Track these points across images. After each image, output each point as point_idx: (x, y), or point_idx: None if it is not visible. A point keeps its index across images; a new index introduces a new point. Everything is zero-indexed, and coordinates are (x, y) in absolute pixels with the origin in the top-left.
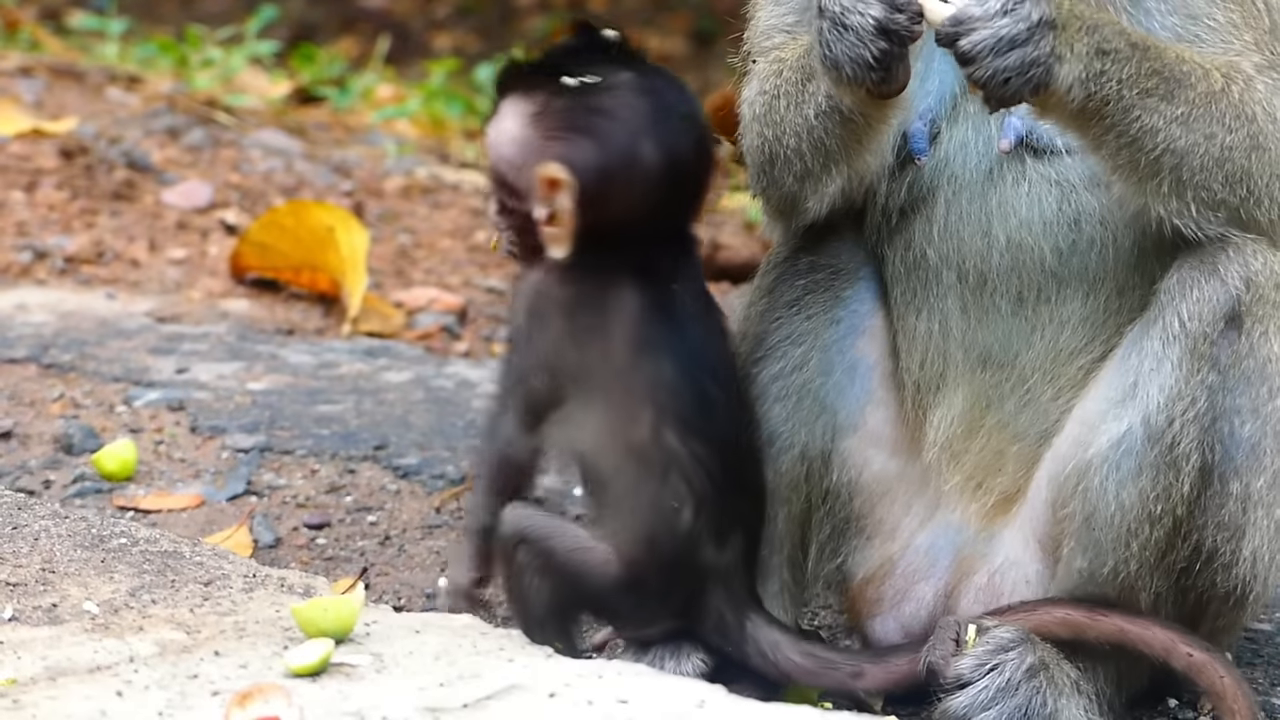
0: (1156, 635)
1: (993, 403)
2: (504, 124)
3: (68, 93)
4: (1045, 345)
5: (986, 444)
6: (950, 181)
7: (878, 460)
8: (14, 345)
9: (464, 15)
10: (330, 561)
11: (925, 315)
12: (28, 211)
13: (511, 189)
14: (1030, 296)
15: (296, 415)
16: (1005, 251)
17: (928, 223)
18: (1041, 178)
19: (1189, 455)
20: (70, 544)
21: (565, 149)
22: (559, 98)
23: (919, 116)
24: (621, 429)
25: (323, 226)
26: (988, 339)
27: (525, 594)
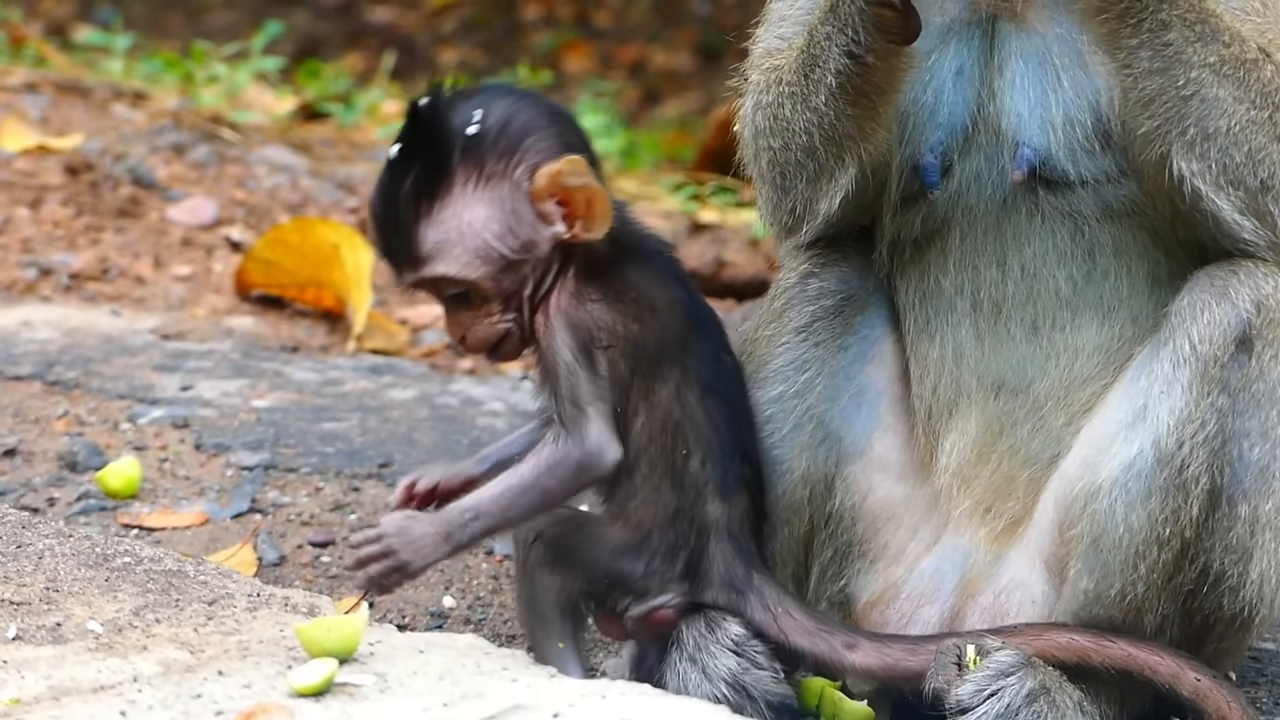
0: (1164, 662)
1: (1005, 429)
2: (463, 219)
3: (73, 109)
4: (1059, 373)
5: (998, 469)
6: (964, 213)
7: (883, 486)
8: (19, 362)
9: (470, 30)
10: (334, 580)
11: (938, 342)
12: (33, 228)
13: (518, 258)
14: (1045, 325)
15: (301, 433)
16: (1020, 281)
17: (941, 254)
18: (1054, 209)
19: (1198, 478)
20: (74, 563)
21: (532, 154)
22: (476, 146)
23: (930, 149)
24: (650, 396)
25: (328, 243)
26: (1001, 366)
27: (536, 593)
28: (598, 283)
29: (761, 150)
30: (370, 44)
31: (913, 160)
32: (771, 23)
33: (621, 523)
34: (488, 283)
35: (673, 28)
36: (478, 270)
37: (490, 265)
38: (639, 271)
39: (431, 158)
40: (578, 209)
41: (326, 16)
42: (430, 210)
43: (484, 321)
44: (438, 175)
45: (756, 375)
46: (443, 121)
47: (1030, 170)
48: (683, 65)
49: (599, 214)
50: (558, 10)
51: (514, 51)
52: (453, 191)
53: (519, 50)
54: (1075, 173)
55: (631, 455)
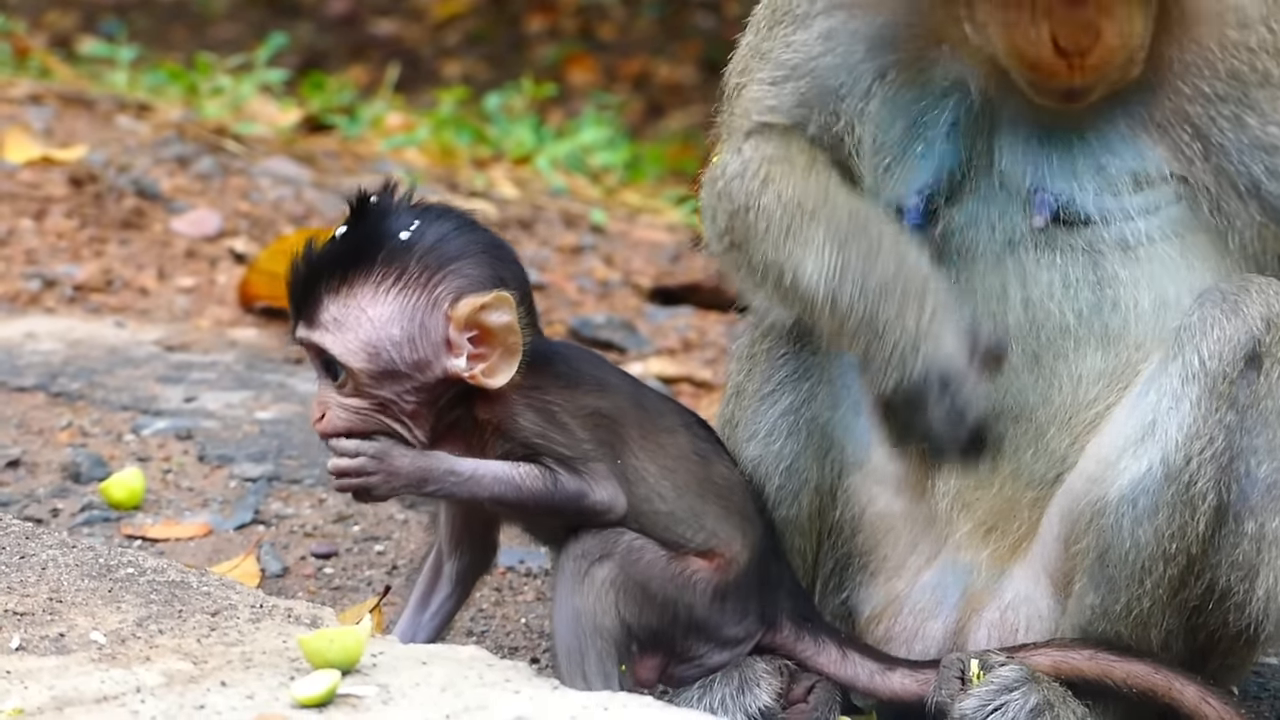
0: (1163, 679)
1: (1007, 453)
2: (372, 311)
3: (77, 120)
4: (1062, 399)
5: (999, 492)
6: (961, 253)
7: (882, 498)
8: (22, 373)
9: (474, 43)
10: (337, 591)
11: None
12: (37, 240)
13: (407, 371)
14: (1047, 355)
15: (304, 444)
16: (1023, 313)
17: None
18: (1068, 245)
19: (1205, 494)
20: (78, 573)
21: (463, 280)
22: (407, 253)
23: (916, 192)
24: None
25: None
26: (1001, 393)
27: (594, 608)
28: (536, 373)
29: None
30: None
31: (896, 201)
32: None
33: (712, 561)
34: (364, 378)
35: (677, 41)
36: (359, 361)
37: (373, 364)
38: (576, 363)
39: (361, 246)
40: (490, 350)
41: (331, 29)
42: (341, 288)
43: (346, 409)
44: (360, 264)
45: (763, 389)
46: (382, 218)
47: (1053, 215)
48: (687, 78)
49: (507, 363)
50: (562, 23)
51: (518, 64)
52: (367, 283)
53: (523, 63)
54: (1098, 213)
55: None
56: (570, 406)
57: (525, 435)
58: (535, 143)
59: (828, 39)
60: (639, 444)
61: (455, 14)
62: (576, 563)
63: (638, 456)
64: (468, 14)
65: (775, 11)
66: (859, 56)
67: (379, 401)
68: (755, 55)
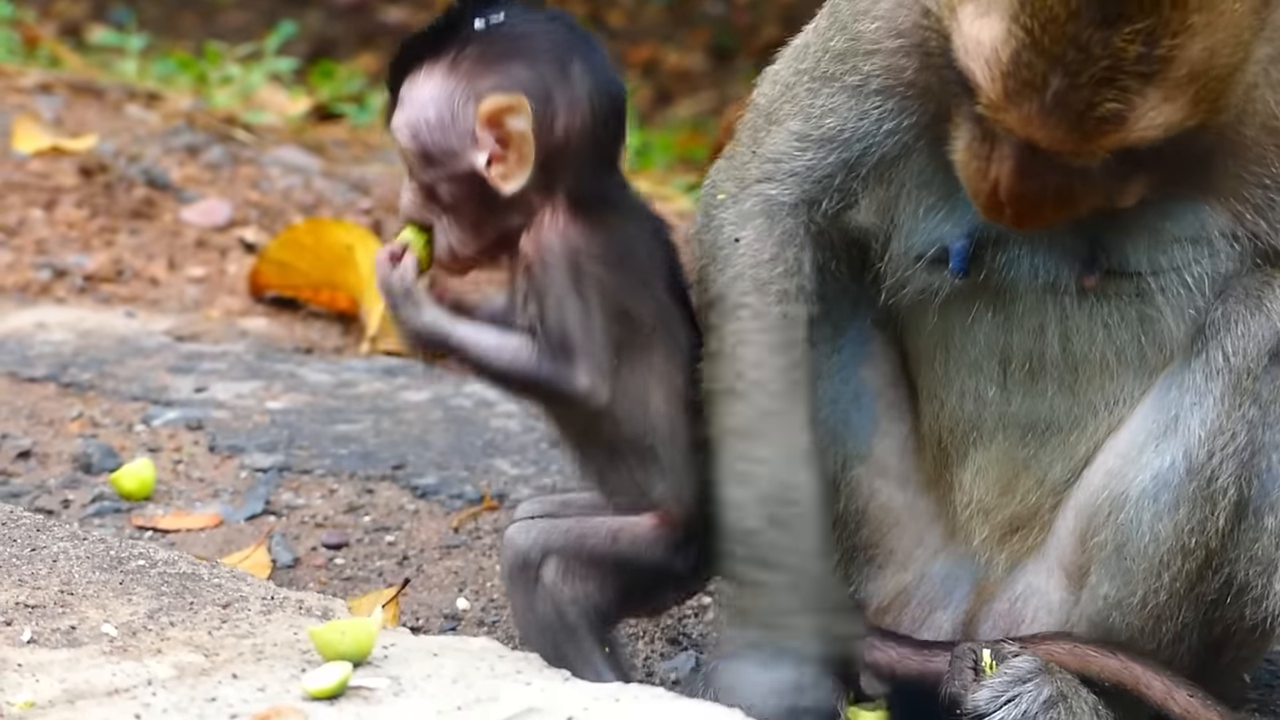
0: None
1: (1030, 465)
2: (419, 91)
3: (87, 110)
4: (1095, 421)
5: (1023, 501)
6: (1000, 294)
7: (885, 491)
8: (33, 364)
9: None
10: (348, 581)
11: (957, 391)
12: (47, 229)
13: (439, 157)
14: (1084, 387)
15: (315, 434)
16: (1060, 350)
17: (971, 322)
18: (1113, 293)
19: (1226, 489)
20: (89, 566)
21: (502, 77)
22: (472, 43)
23: (965, 235)
24: (671, 379)
25: (341, 245)
26: (1031, 415)
27: (558, 611)
28: (590, 232)
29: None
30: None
31: (940, 241)
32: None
33: (657, 517)
34: (410, 158)
35: (686, 28)
36: (404, 139)
37: (413, 144)
38: (644, 257)
39: (443, 30)
40: (506, 153)
41: (340, 17)
42: (411, 69)
43: (407, 194)
44: (434, 46)
45: None
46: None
47: (1100, 270)
48: (696, 65)
49: (518, 170)
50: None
51: None
52: (428, 66)
53: None
54: (1148, 266)
55: (649, 437)
56: (607, 288)
57: (544, 287)
58: None
59: (868, 109)
60: (651, 369)
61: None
62: (520, 574)
63: (645, 381)
64: None
65: (820, 64)
66: (902, 124)
67: (426, 187)
68: (788, 97)
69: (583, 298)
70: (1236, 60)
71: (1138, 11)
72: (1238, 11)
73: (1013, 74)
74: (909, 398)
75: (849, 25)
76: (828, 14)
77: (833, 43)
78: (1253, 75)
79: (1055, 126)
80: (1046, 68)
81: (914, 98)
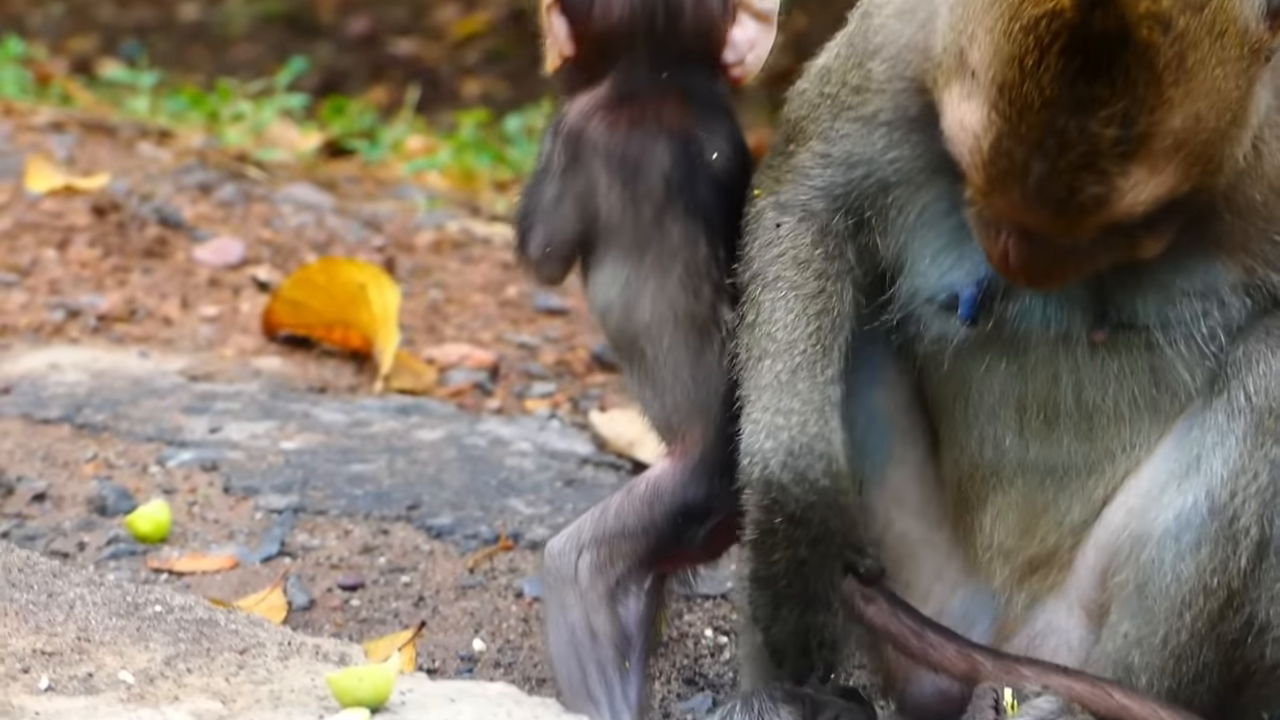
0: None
1: (1049, 509)
2: None
3: (99, 148)
4: (1112, 465)
5: (1042, 542)
6: (1013, 342)
7: (901, 520)
8: (47, 405)
9: (493, 61)
10: (364, 623)
11: (976, 438)
12: (60, 269)
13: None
14: (1100, 435)
15: (329, 475)
16: (1074, 400)
17: (986, 371)
18: (1126, 345)
19: (1248, 529)
20: (105, 611)
21: None
22: None
23: (975, 282)
24: (678, 301)
25: (354, 283)
26: (1048, 460)
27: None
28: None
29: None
30: (394, 76)
31: (951, 288)
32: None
33: (670, 454)
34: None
35: None
36: None
37: None
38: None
39: None
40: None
41: (350, 49)
42: None
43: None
44: None
45: None
46: None
47: (1114, 325)
48: None
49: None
50: None
51: (538, 81)
52: None
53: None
54: (1159, 321)
55: (639, 345)
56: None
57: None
58: None
59: (876, 139)
60: (641, 280)
61: (474, 32)
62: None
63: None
64: (487, 32)
65: (840, 93)
66: (921, 161)
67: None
68: (813, 117)
69: (562, 181)
70: (1225, 122)
71: (1111, 95)
72: (1219, 76)
73: (994, 162)
74: (925, 425)
75: (863, 62)
76: (846, 43)
77: (849, 76)
78: (1257, 126)
79: (1040, 211)
80: (1026, 155)
81: (919, 134)
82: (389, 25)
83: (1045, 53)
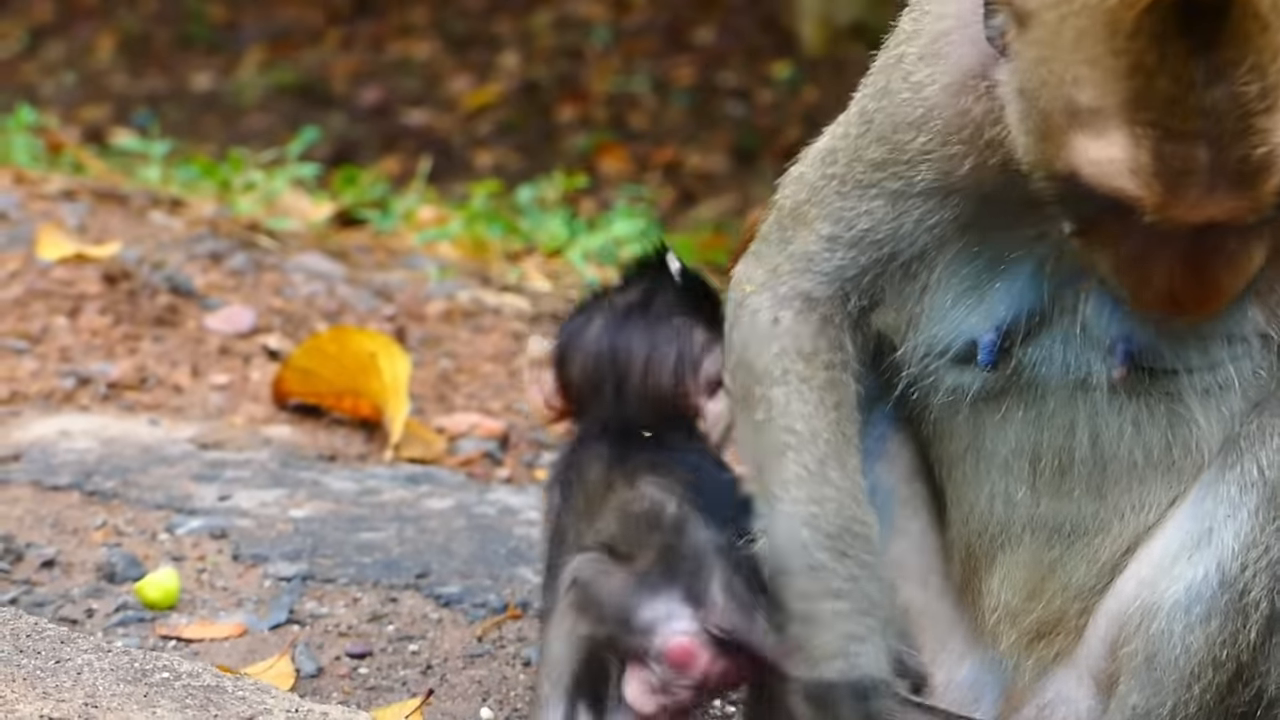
0: None
1: (1056, 569)
2: None
3: (111, 216)
4: (1121, 525)
5: (1049, 605)
6: (1030, 388)
7: (904, 591)
8: (57, 472)
9: (506, 132)
10: (372, 691)
11: (987, 492)
12: (71, 337)
13: None
14: (1112, 489)
15: (338, 543)
16: (1090, 449)
17: (1002, 420)
18: (1145, 390)
19: (1258, 603)
20: (113, 678)
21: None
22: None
23: (994, 328)
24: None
25: (365, 352)
26: (1058, 517)
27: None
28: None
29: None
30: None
31: (968, 335)
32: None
33: (626, 561)
34: None
35: (708, 130)
36: None
37: None
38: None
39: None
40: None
41: (363, 119)
42: None
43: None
44: None
45: None
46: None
47: (1134, 365)
48: (717, 167)
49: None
50: (593, 112)
51: (550, 153)
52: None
53: (555, 152)
54: (1180, 364)
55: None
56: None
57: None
58: (567, 235)
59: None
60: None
61: (486, 104)
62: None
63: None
64: (499, 104)
65: (852, 170)
66: (944, 219)
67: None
68: (816, 200)
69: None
70: None
71: (1236, 55)
72: None
73: (1161, 173)
74: (927, 495)
75: (888, 136)
76: (858, 122)
77: (868, 152)
78: None
79: (1224, 198)
80: (1189, 147)
81: (959, 193)
82: (401, 96)
83: (1161, 43)
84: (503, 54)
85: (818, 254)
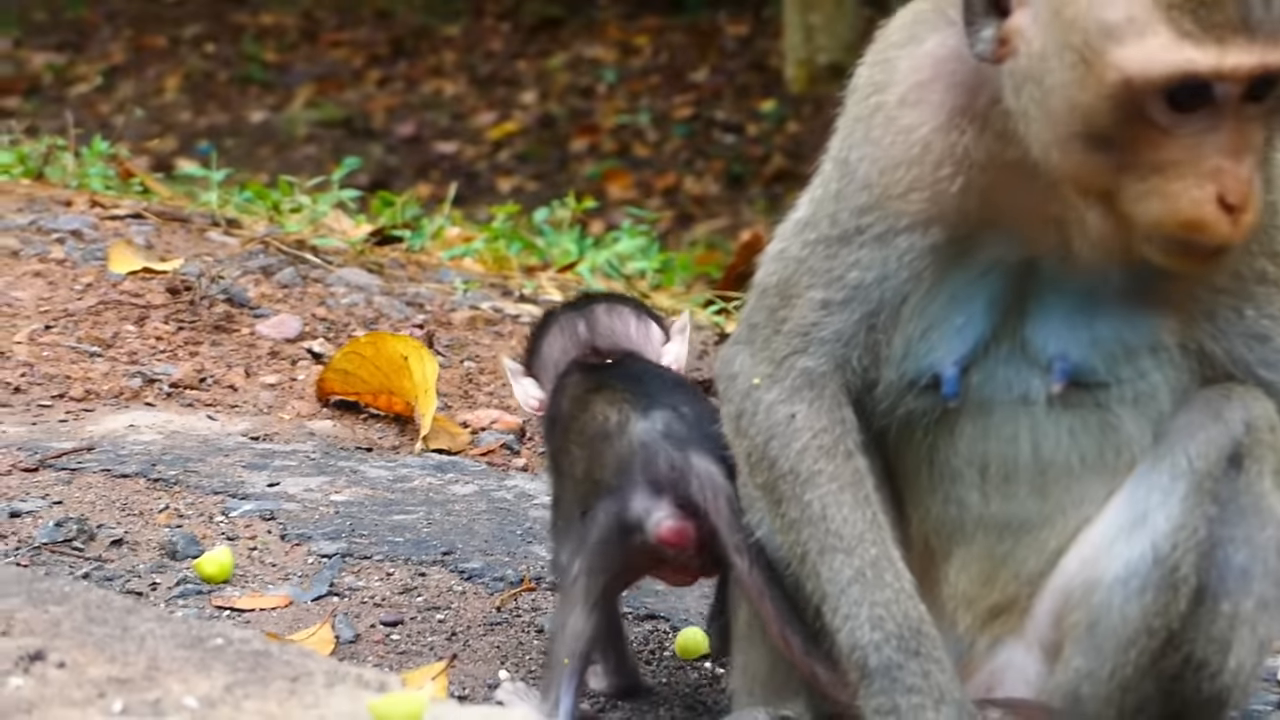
0: None
1: (1008, 561)
2: None
3: (174, 235)
4: (1064, 519)
5: (1001, 591)
6: (978, 406)
7: None
8: (126, 461)
9: (525, 161)
10: (403, 655)
11: (940, 499)
12: (139, 342)
13: None
14: (1054, 488)
15: (374, 524)
16: (1032, 456)
17: (951, 436)
18: (1079, 402)
19: (1188, 578)
20: (173, 644)
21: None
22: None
23: (954, 362)
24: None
25: (398, 355)
26: (1006, 515)
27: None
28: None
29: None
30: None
31: (932, 369)
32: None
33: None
34: None
35: (703, 158)
36: None
37: None
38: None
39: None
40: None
41: (399, 148)
42: None
43: None
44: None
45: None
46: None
47: (1070, 380)
48: (711, 191)
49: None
50: (602, 143)
51: (564, 178)
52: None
53: (568, 177)
54: (1111, 376)
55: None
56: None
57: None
58: (578, 252)
59: (896, 243)
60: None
61: (508, 134)
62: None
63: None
64: (519, 135)
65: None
66: (915, 260)
67: None
68: (804, 270)
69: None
70: None
71: None
72: None
73: (1212, 26)
74: (889, 495)
75: (876, 180)
76: (838, 176)
77: (853, 200)
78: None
79: (1272, 37)
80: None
81: (939, 222)
82: (433, 129)
83: None
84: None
85: (816, 323)
